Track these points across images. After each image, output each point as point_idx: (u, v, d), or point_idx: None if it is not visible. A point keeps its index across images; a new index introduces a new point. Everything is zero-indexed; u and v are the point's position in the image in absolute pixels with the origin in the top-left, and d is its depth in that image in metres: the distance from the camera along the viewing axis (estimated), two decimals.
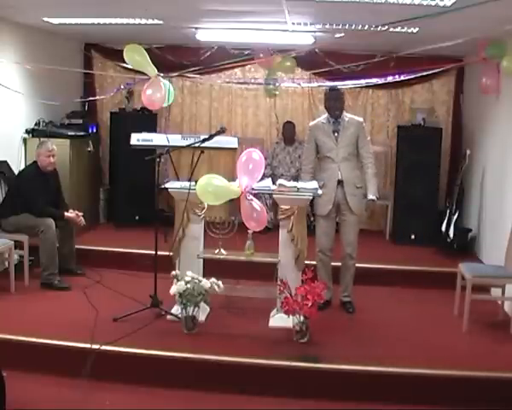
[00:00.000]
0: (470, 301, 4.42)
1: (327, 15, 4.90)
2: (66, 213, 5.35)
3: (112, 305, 4.68)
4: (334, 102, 4.76)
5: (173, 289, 4.22)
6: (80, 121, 6.69)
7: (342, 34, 5.39)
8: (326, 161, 4.79)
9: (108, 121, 7.40)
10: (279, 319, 4.38)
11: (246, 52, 6.75)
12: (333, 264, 4.92)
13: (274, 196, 4.56)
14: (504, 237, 4.78)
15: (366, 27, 5.05)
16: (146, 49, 4.98)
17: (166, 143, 5.31)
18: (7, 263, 5.06)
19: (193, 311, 4.22)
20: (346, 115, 4.85)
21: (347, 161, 4.74)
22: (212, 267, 4.60)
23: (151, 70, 4.97)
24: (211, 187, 4.05)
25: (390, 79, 6.21)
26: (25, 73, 5.94)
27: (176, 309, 4.46)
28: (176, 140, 5.49)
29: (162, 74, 5.09)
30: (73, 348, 3.92)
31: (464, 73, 7.11)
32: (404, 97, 7.38)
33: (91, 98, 7.14)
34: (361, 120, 4.90)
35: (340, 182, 4.72)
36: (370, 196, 4.73)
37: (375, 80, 6.15)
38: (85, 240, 5.95)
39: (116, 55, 6.91)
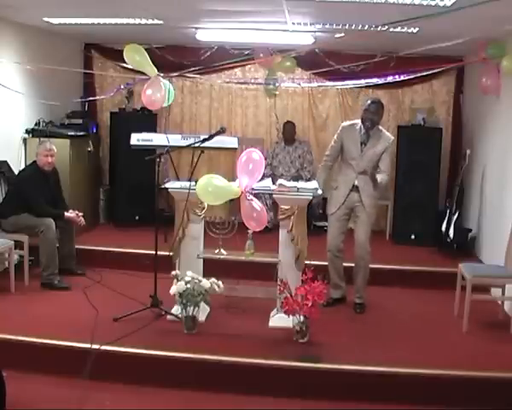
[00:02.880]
0: (470, 301, 4.42)
1: (327, 15, 4.90)
2: (66, 213, 5.34)
3: (112, 305, 4.68)
4: (370, 115, 4.73)
5: (173, 289, 4.22)
6: (80, 121, 6.68)
7: (342, 34, 5.39)
8: (347, 166, 4.85)
9: (108, 121, 7.41)
10: (279, 319, 4.38)
11: (246, 52, 6.77)
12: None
13: (274, 196, 4.56)
14: (504, 237, 4.78)
15: (366, 27, 5.05)
16: (146, 49, 4.98)
17: (166, 143, 5.31)
18: (7, 263, 5.07)
19: (193, 311, 4.22)
20: (381, 130, 4.84)
21: (365, 175, 4.76)
22: (212, 267, 4.59)
23: (151, 70, 4.97)
24: (211, 187, 4.05)
25: (390, 79, 6.22)
26: (25, 73, 5.94)
27: (176, 309, 4.46)
28: (176, 140, 5.50)
29: (162, 74, 5.09)
30: (73, 348, 3.91)
31: (464, 73, 7.11)
32: (404, 97, 7.38)
33: (91, 98, 7.14)
34: (392, 138, 4.88)
35: (355, 187, 4.77)
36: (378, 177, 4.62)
37: (375, 80, 6.16)
38: (85, 240, 5.95)
39: (116, 55, 6.91)
